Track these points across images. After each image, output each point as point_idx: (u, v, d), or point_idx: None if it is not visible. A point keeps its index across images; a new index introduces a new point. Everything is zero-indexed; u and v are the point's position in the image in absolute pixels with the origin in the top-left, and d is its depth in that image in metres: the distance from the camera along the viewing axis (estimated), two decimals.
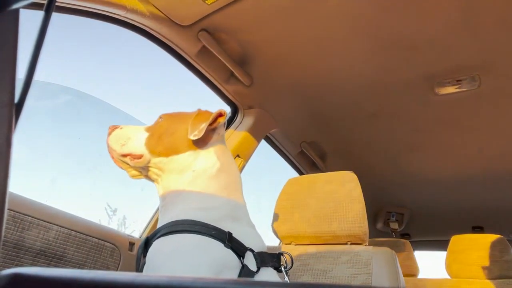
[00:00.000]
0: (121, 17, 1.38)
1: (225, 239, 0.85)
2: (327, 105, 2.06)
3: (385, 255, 1.30)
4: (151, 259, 0.86)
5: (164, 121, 1.06)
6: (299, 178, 1.64)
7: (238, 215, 0.98)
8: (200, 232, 0.84)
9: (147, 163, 1.00)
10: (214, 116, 1.00)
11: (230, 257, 0.85)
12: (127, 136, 1.04)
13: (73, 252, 1.28)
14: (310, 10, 1.44)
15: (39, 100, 1.58)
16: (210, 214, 0.90)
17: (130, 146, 1.02)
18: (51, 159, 1.79)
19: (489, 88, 1.77)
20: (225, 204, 0.96)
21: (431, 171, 2.63)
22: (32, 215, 1.18)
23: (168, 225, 0.88)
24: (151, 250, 0.88)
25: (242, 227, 0.95)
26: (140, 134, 1.04)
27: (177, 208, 0.93)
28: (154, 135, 1.03)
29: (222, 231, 0.86)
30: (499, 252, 2.29)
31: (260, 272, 0.89)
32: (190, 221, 0.86)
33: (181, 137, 1.00)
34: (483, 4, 1.34)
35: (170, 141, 1.00)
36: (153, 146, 1.00)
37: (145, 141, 1.02)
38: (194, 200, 0.94)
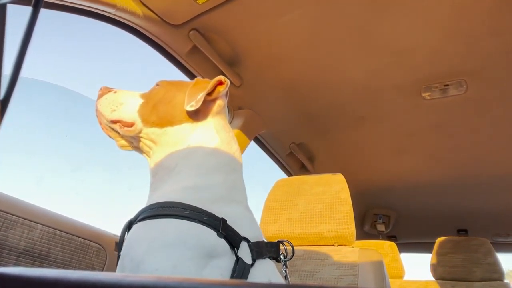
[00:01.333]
0: (111, 15, 1.37)
1: (219, 226, 0.74)
2: (316, 107, 2.08)
3: (372, 257, 1.32)
4: (130, 247, 0.74)
5: (161, 88, 0.97)
6: (287, 179, 1.65)
7: (235, 197, 0.87)
8: (189, 217, 0.73)
9: (139, 132, 0.92)
10: (212, 84, 0.92)
11: (223, 248, 0.74)
12: (119, 101, 0.94)
13: (57, 252, 1.27)
14: (301, 13, 1.44)
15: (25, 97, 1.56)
16: (203, 195, 0.80)
17: (121, 112, 0.93)
18: (37, 157, 1.76)
19: (475, 93, 1.80)
20: (221, 183, 0.85)
21: (418, 174, 2.67)
22: (16, 214, 1.16)
23: (154, 206, 0.77)
24: (131, 235, 0.77)
25: (238, 211, 0.84)
26: (134, 100, 0.95)
27: (167, 185, 0.84)
28: (148, 103, 0.94)
29: (215, 217, 0.75)
30: (483, 254, 2.34)
31: (256, 265, 0.78)
32: (179, 204, 0.76)
33: (178, 107, 0.91)
34: (471, 10, 1.37)
35: (165, 110, 0.92)
36: (146, 114, 0.92)
37: (139, 108, 0.93)
38: (186, 177, 0.84)
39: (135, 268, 0.70)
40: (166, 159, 0.88)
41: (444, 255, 2.43)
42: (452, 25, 1.44)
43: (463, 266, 2.34)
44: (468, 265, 2.33)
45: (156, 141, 0.91)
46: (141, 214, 0.79)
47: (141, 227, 0.76)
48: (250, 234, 0.82)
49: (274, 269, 0.87)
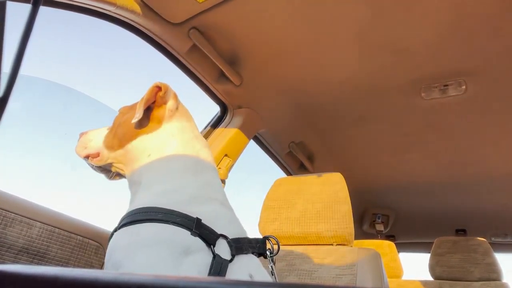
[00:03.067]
0: (111, 13, 1.36)
1: (192, 226, 0.76)
2: (316, 106, 2.08)
3: (370, 256, 1.32)
4: (109, 253, 0.79)
5: (120, 114, 1.05)
6: (286, 178, 1.65)
7: (210, 195, 0.88)
8: (162, 220, 0.76)
9: (107, 159, 1.00)
10: (149, 92, 0.93)
11: (197, 246, 0.76)
12: (89, 139, 1.04)
13: (56, 250, 1.27)
14: (301, 12, 1.44)
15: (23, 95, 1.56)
16: (172, 198, 0.82)
17: (89, 148, 1.03)
18: (36, 155, 1.76)
19: (475, 93, 1.80)
20: (189, 184, 0.87)
21: (416, 174, 2.67)
22: (15, 211, 1.16)
23: (131, 213, 0.81)
24: (110, 243, 0.81)
25: (214, 210, 0.85)
26: (101, 133, 1.04)
27: (139, 195, 0.88)
28: (111, 131, 1.02)
29: (189, 217, 0.77)
30: (481, 254, 2.34)
31: (235, 261, 0.79)
32: (153, 209, 0.78)
33: (130, 125, 0.95)
34: (471, 10, 1.37)
35: (122, 131, 0.98)
36: (109, 141, 1.00)
37: (104, 139, 1.02)
38: (153, 185, 0.87)
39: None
40: (134, 175, 0.93)
41: (442, 255, 2.43)
42: (451, 25, 1.44)
43: (461, 266, 2.34)
44: (466, 265, 2.34)
45: (123, 161, 0.98)
46: (120, 223, 0.83)
47: (119, 233, 0.81)
48: (229, 230, 0.83)
49: (257, 264, 0.88)
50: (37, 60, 1.55)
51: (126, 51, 2.25)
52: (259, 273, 0.86)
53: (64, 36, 1.90)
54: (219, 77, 1.79)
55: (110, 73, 2.51)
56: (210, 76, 1.76)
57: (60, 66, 2.02)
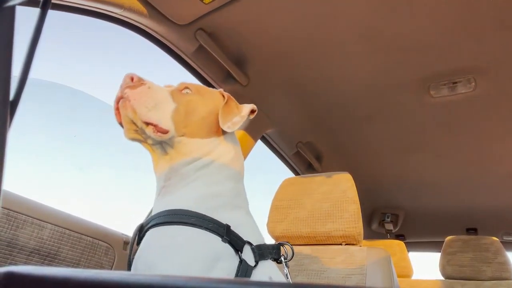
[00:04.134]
0: (118, 15, 1.37)
1: (223, 232, 0.79)
2: (323, 106, 2.07)
3: (380, 255, 1.31)
4: (144, 253, 0.81)
5: (193, 96, 0.95)
6: (294, 178, 1.65)
7: (238, 203, 0.92)
8: (195, 224, 0.78)
9: (168, 140, 0.88)
10: (248, 112, 0.97)
11: (227, 252, 0.79)
12: (154, 101, 0.87)
13: (67, 251, 1.28)
14: (308, 11, 1.44)
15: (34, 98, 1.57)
16: (211, 203, 0.85)
17: (158, 115, 0.86)
18: (45, 157, 1.78)
19: (484, 91, 1.78)
20: (229, 191, 0.90)
21: (426, 172, 2.65)
22: (26, 213, 1.18)
23: (163, 213, 0.82)
24: (144, 242, 0.83)
25: (240, 217, 0.89)
26: (168, 102, 0.89)
27: (180, 192, 0.86)
28: (181, 109, 0.90)
29: (219, 223, 0.81)
30: (493, 253, 2.31)
31: (258, 266, 0.83)
32: (186, 212, 0.80)
33: (208, 121, 0.93)
34: (479, 7, 1.35)
35: (198, 122, 0.91)
36: (179, 122, 0.89)
37: (173, 114, 0.88)
38: (198, 186, 0.87)
39: (147, 271, 0.76)
40: (185, 168, 0.89)
41: (453, 254, 2.40)
42: (460, 21, 1.43)
43: (472, 265, 2.32)
44: (478, 264, 2.31)
45: (179, 148, 0.90)
46: (153, 220, 0.83)
47: (153, 233, 0.82)
48: (253, 238, 0.87)
49: (276, 269, 0.92)
50: (46, 63, 1.56)
51: (133, 52, 2.26)
52: (278, 277, 0.90)
53: (70, 38, 1.92)
54: (225, 78, 1.79)
55: (117, 74, 2.53)
56: (217, 77, 1.76)
57: (67, 68, 2.04)
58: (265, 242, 0.93)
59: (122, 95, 0.86)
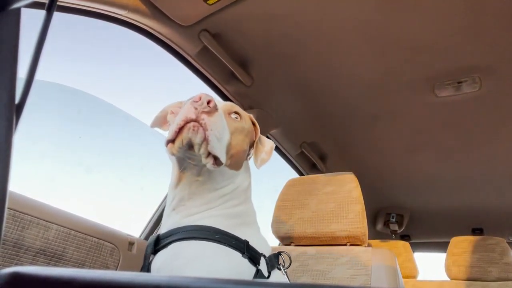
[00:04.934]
0: (123, 17, 1.38)
1: (244, 249, 0.87)
2: (327, 106, 2.07)
3: (385, 256, 1.30)
4: (171, 260, 0.85)
5: (241, 125, 0.96)
6: (299, 178, 1.64)
7: (251, 221, 1.01)
8: (220, 241, 0.86)
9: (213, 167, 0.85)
10: (272, 148, 1.06)
11: (247, 266, 0.87)
12: (223, 132, 0.84)
13: (72, 252, 1.28)
14: (312, 11, 1.44)
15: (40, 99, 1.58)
16: (230, 222, 0.92)
17: (220, 148, 0.82)
18: (50, 158, 1.79)
19: (489, 90, 1.77)
20: (243, 213, 0.98)
21: (431, 172, 2.63)
22: (32, 214, 1.19)
23: (189, 228, 0.88)
24: (170, 251, 0.87)
25: (254, 233, 0.98)
26: (226, 134, 0.86)
27: (200, 211, 0.91)
28: (232, 142, 0.88)
29: (240, 240, 0.89)
30: (499, 254, 2.29)
31: (271, 276, 0.92)
32: (211, 228, 0.87)
33: (244, 155, 1.00)
34: (484, 6, 1.34)
35: (240, 156, 0.96)
36: (229, 153, 0.87)
37: (226, 145, 0.86)
38: (220, 209, 0.93)
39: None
40: (210, 194, 0.93)
41: (459, 255, 2.39)
42: (465, 21, 1.42)
43: (478, 266, 2.30)
44: (484, 265, 2.29)
45: (213, 176, 0.91)
46: (177, 234, 0.88)
47: (180, 245, 0.87)
48: (264, 250, 0.95)
49: (284, 277, 1.00)
50: (51, 65, 1.57)
51: (137, 54, 2.27)
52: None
53: (75, 39, 1.93)
54: (229, 78, 1.79)
55: (121, 76, 2.54)
56: (221, 77, 1.76)
57: (72, 69, 2.05)
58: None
59: (198, 119, 0.79)
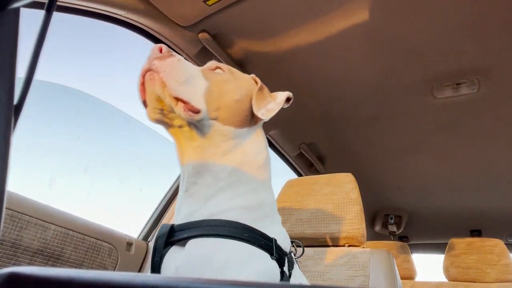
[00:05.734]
0: (122, 17, 1.38)
1: (272, 249, 0.76)
2: (326, 107, 2.07)
3: (383, 257, 1.31)
4: (192, 262, 0.73)
5: (226, 76, 0.86)
6: (297, 179, 1.64)
7: (274, 214, 0.87)
8: (250, 241, 0.74)
9: (197, 122, 0.78)
10: (284, 99, 0.90)
11: (275, 269, 0.78)
12: (186, 75, 0.77)
13: (70, 252, 1.28)
14: (310, 13, 1.44)
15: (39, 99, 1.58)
16: (253, 215, 0.79)
17: (189, 91, 0.76)
18: (49, 159, 1.79)
19: (488, 92, 1.77)
20: (267, 202, 0.84)
21: (429, 174, 2.64)
22: (30, 214, 1.18)
23: (211, 223, 0.75)
24: (192, 251, 0.74)
25: (278, 228, 0.86)
26: (200, 80, 0.80)
27: (218, 199, 0.79)
28: (213, 90, 0.80)
29: (269, 238, 0.77)
30: (497, 255, 2.30)
31: (292, 277, 0.82)
32: (239, 225, 0.75)
33: (244, 107, 0.83)
34: (483, 8, 1.35)
35: (232, 106, 0.81)
36: (213, 103, 0.79)
37: (205, 93, 0.78)
38: (239, 193, 0.80)
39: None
40: (216, 164, 0.80)
41: (457, 256, 2.39)
42: (464, 23, 1.42)
43: (476, 267, 2.31)
44: (482, 266, 2.30)
45: (209, 135, 0.80)
46: (198, 229, 0.75)
47: (203, 243, 0.74)
48: (287, 247, 0.84)
49: (302, 275, 0.91)
50: (51, 65, 1.57)
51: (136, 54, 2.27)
52: (304, 281, 0.90)
53: (73, 39, 1.93)
54: None
55: (119, 76, 2.54)
56: None
57: (71, 69, 2.05)
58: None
59: (150, 66, 0.76)
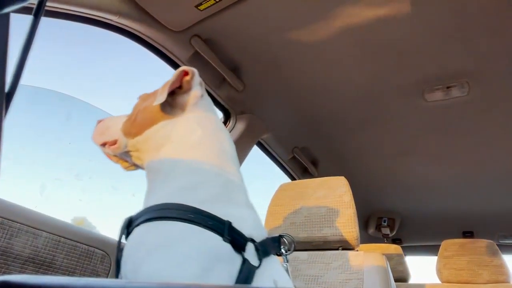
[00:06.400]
0: (113, 22, 1.37)
1: (224, 231, 0.71)
2: (319, 110, 2.08)
3: (377, 260, 1.31)
4: (133, 250, 0.72)
5: (140, 100, 0.99)
6: (290, 183, 1.65)
7: (233, 193, 0.82)
8: (194, 221, 0.70)
9: (125, 147, 0.94)
10: (176, 75, 0.89)
11: (228, 252, 0.71)
12: (106, 126, 0.99)
13: (62, 259, 1.27)
14: (302, 17, 1.45)
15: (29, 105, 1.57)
16: (199, 195, 0.76)
17: (106, 134, 0.98)
18: (40, 165, 1.77)
19: (477, 95, 1.79)
20: (215, 178, 0.81)
21: (422, 176, 2.66)
22: (21, 221, 1.17)
23: (155, 208, 0.74)
24: (132, 239, 0.75)
25: (240, 210, 0.80)
26: (119, 120, 0.98)
27: (159, 188, 0.80)
28: (130, 117, 0.96)
29: (220, 220, 0.72)
30: (489, 257, 2.32)
31: (262, 266, 0.74)
32: (182, 206, 0.72)
33: (152, 110, 0.90)
34: (473, 12, 1.37)
35: (142, 117, 0.92)
36: (128, 128, 0.94)
37: (122, 126, 0.95)
38: (177, 176, 0.80)
39: (136, 270, 0.69)
40: (153, 162, 0.87)
41: (450, 258, 2.41)
42: (453, 27, 1.44)
43: (469, 269, 2.32)
44: (474, 267, 2.31)
45: (142, 149, 0.91)
46: (143, 216, 0.75)
47: (144, 229, 0.74)
48: (255, 233, 0.78)
49: (278, 265, 0.85)
50: (39, 69, 1.56)
51: (128, 59, 2.26)
52: (281, 277, 0.82)
53: (64, 45, 1.92)
54: (221, 83, 1.79)
55: (112, 81, 2.53)
56: (212, 83, 1.76)
57: (62, 75, 2.04)
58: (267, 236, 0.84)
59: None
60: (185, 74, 0.92)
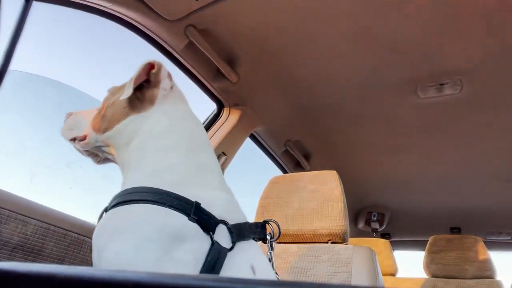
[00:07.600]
0: (107, 9, 1.35)
1: (190, 210, 0.70)
2: (312, 104, 2.08)
3: (365, 254, 1.32)
4: (97, 236, 0.73)
5: (109, 95, 0.98)
6: (282, 176, 1.65)
7: (205, 177, 0.82)
8: (158, 202, 0.69)
9: (95, 142, 0.94)
10: (141, 69, 0.89)
11: (194, 232, 0.69)
12: (75, 120, 0.99)
13: (51, 247, 1.26)
14: (298, 10, 1.44)
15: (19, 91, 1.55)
16: (165, 178, 0.76)
17: (76, 129, 0.97)
18: (29, 153, 1.75)
19: (470, 93, 1.81)
20: (182, 163, 0.81)
21: (412, 172, 2.68)
22: (10, 208, 1.16)
23: (124, 192, 0.75)
24: (98, 225, 0.75)
25: (212, 193, 0.79)
26: (89, 115, 0.97)
27: (132, 177, 0.81)
28: (100, 112, 0.95)
29: (187, 201, 0.71)
30: (475, 253, 2.36)
31: (236, 249, 0.73)
32: (148, 189, 0.72)
33: (120, 104, 0.91)
34: (466, 9, 1.37)
35: (111, 112, 0.92)
36: (97, 123, 0.93)
37: (91, 121, 0.95)
38: (144, 164, 0.81)
39: (100, 257, 0.69)
40: (127, 157, 0.87)
41: (437, 253, 2.45)
42: (447, 24, 1.45)
43: (455, 264, 2.36)
44: (461, 262, 2.35)
45: (113, 144, 0.91)
46: (112, 202, 0.77)
47: (109, 214, 0.75)
48: (229, 215, 0.77)
49: (258, 251, 0.83)
50: (32, 55, 1.54)
51: (121, 47, 2.24)
52: (260, 263, 0.80)
53: (58, 31, 1.89)
54: (215, 75, 1.78)
55: (105, 69, 2.50)
56: (207, 74, 1.75)
57: (54, 62, 2.01)
58: (247, 221, 0.84)
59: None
60: (152, 67, 0.91)
